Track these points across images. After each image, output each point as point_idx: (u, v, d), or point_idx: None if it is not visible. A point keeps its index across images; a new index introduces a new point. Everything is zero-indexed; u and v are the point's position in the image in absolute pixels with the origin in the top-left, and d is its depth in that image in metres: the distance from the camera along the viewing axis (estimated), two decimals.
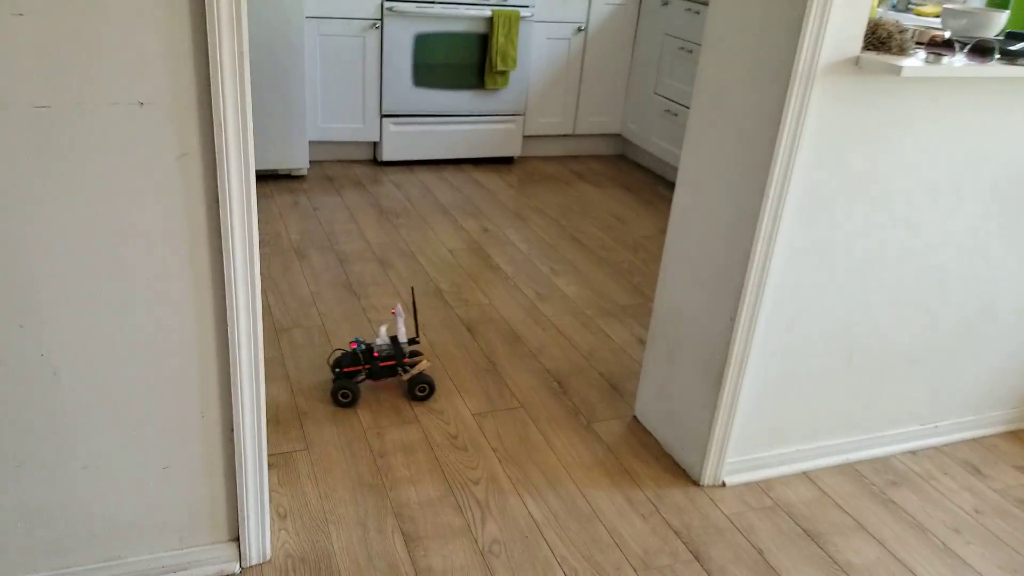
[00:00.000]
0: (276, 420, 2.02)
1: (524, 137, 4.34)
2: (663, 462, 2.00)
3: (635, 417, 2.18)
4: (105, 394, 1.36)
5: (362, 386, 2.18)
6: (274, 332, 2.42)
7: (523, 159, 4.39)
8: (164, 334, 1.36)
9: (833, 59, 1.56)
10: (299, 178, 3.76)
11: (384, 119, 3.95)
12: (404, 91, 3.91)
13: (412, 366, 2.16)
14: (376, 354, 2.12)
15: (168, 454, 1.45)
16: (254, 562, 1.59)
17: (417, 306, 2.57)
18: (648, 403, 2.12)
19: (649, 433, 2.11)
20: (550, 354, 2.45)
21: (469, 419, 2.10)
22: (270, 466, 1.86)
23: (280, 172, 3.72)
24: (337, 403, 2.08)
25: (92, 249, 1.26)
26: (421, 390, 2.15)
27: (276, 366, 2.24)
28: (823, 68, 1.56)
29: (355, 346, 2.12)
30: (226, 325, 1.39)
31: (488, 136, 4.17)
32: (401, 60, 3.85)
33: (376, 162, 4.10)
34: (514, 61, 3.98)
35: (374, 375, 2.14)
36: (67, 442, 1.37)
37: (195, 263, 1.33)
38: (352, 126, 3.93)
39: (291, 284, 2.72)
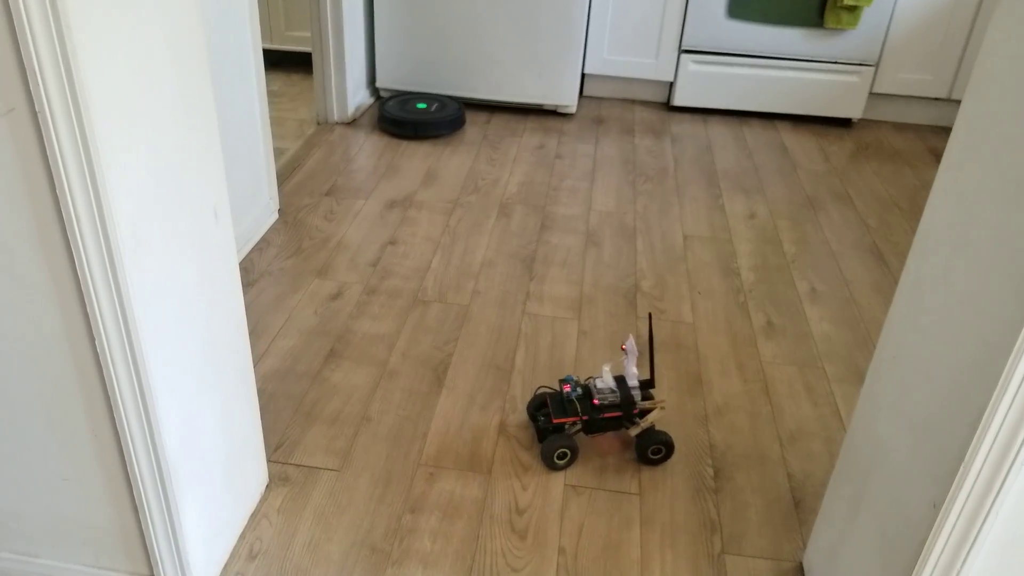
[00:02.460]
0: (335, 419, 1.65)
1: (871, 95, 3.30)
2: None
3: (801, 565, 1.40)
4: None
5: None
6: (411, 302, 2.03)
7: (865, 123, 3.35)
8: (32, 334, 1.03)
9: None
10: (564, 116, 3.27)
11: (683, 55, 3.24)
12: (713, 22, 3.15)
13: (642, 416, 1.60)
14: (597, 401, 1.57)
15: (65, 467, 1.16)
16: None
17: (654, 336, 1.91)
18: (819, 555, 1.33)
19: None
20: (730, 422, 1.72)
21: (556, 491, 1.52)
22: (284, 479, 1.51)
23: (545, 107, 3.26)
24: (552, 466, 1.56)
25: None
26: (656, 452, 1.57)
27: (381, 347, 1.86)
28: None
29: (568, 389, 1.60)
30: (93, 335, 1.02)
31: (818, 89, 3.23)
32: None
33: (667, 106, 3.42)
34: None
35: (592, 428, 1.59)
36: None
37: (50, 256, 0.97)
38: (642, 61, 3.29)
39: (468, 246, 2.30)
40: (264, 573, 1.33)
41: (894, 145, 3.16)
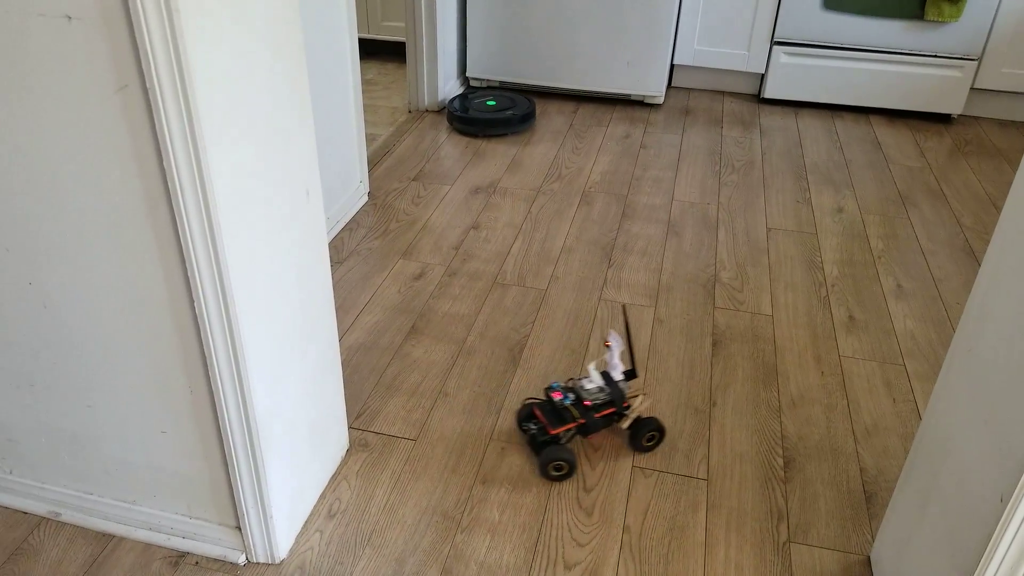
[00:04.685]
0: (413, 391, 1.73)
1: (972, 90, 3.17)
2: None
3: (869, 559, 1.39)
4: (94, 340, 1.20)
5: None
6: (491, 284, 2.09)
7: (966, 120, 3.23)
8: (138, 295, 1.13)
9: None
10: (651, 107, 3.26)
11: (775, 47, 3.19)
12: (808, 13, 3.09)
13: (628, 408, 1.59)
14: (588, 403, 1.55)
15: (164, 421, 1.26)
16: (260, 559, 1.36)
17: (630, 327, 1.77)
18: (887, 549, 1.32)
19: None
20: (805, 414, 1.71)
21: (624, 471, 1.55)
22: (364, 445, 1.59)
23: (632, 97, 3.26)
24: (549, 477, 1.53)
25: (48, 182, 1.06)
26: (650, 439, 1.58)
27: (460, 326, 1.93)
28: None
29: (560, 396, 1.57)
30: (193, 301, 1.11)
31: (916, 83, 3.12)
32: None
33: (757, 98, 3.38)
34: None
35: (588, 431, 1.56)
36: (67, 376, 1.26)
37: (156, 224, 1.06)
38: (733, 52, 3.26)
39: (549, 232, 2.35)
40: (342, 531, 1.42)
41: (996, 143, 3.03)
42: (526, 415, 1.61)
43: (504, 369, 1.80)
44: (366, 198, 2.47)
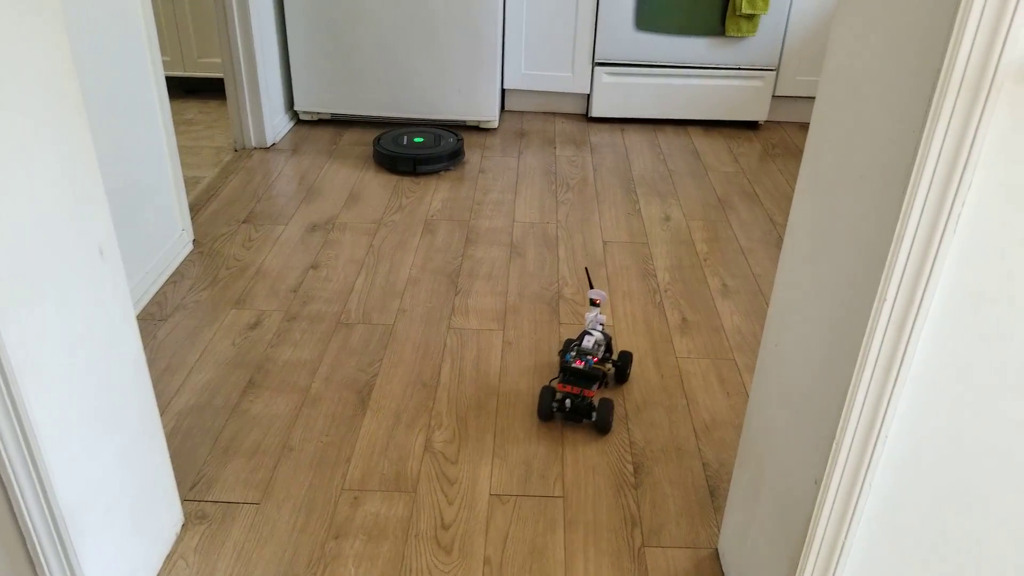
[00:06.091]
0: (254, 451, 1.66)
1: (774, 98, 3.44)
2: None
3: (717, 552, 1.47)
4: None
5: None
6: (334, 325, 2.05)
7: (771, 125, 3.49)
8: None
9: None
10: (487, 131, 3.32)
11: (597, 68, 3.33)
12: (623, 35, 3.25)
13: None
14: (597, 359, 1.80)
15: None
16: None
17: (592, 285, 2.19)
18: (731, 540, 1.40)
19: None
20: (649, 418, 1.78)
21: (482, 501, 1.56)
22: (201, 517, 1.51)
23: (468, 123, 3.31)
24: (609, 429, 1.74)
25: None
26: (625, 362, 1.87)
27: (303, 374, 1.88)
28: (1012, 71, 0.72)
29: (581, 364, 1.75)
30: None
31: (726, 95, 3.35)
32: None
33: (586, 117, 3.51)
34: (766, 3, 3.09)
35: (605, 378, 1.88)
36: None
37: None
38: (559, 75, 3.37)
39: (393, 265, 2.33)
40: None
41: (798, 144, 3.30)
42: (549, 399, 1.74)
43: (353, 414, 1.76)
44: (191, 246, 2.37)
